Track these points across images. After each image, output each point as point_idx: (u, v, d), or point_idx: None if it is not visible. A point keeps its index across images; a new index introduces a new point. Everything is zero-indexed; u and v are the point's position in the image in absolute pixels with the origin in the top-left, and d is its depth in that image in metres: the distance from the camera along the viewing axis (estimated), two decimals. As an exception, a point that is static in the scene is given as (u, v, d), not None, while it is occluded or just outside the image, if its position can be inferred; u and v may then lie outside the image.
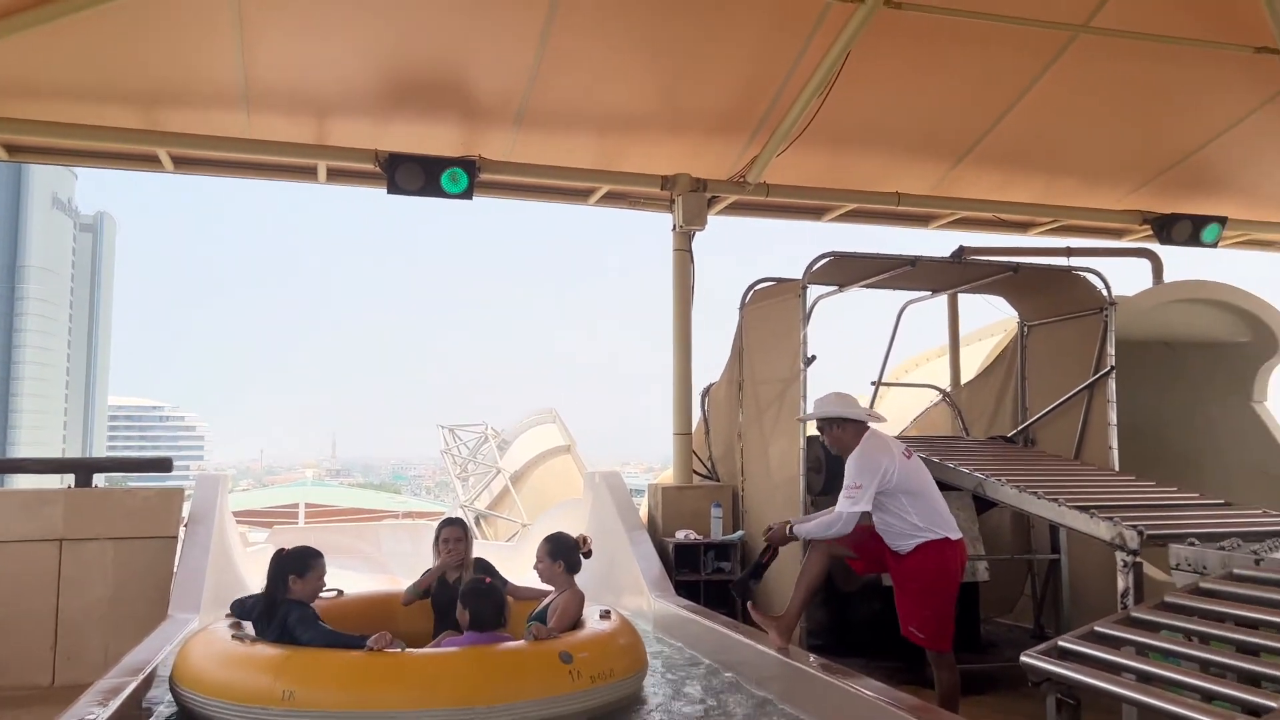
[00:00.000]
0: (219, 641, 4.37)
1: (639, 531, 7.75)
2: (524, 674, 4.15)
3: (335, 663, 4.09)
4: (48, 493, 6.65)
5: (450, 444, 25.33)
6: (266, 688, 3.90)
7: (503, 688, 4.02)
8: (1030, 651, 3.91)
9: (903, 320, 9.15)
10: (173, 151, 7.66)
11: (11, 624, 6.38)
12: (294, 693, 3.84)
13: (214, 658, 4.23)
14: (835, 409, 5.05)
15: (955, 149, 8.86)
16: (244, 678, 4.02)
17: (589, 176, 8.61)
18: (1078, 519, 5.28)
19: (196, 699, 4.11)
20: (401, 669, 4.04)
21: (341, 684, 3.96)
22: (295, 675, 3.93)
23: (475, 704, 3.92)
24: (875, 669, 6.10)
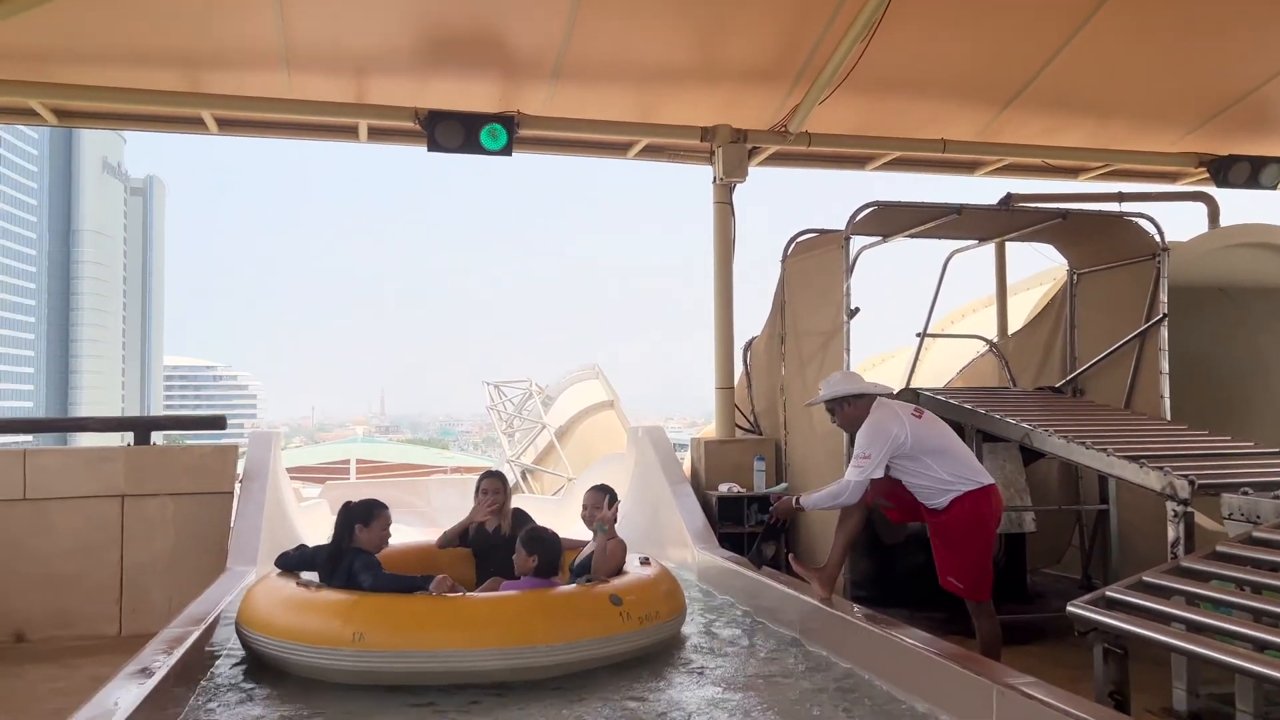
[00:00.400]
0: (286, 588, 4.58)
1: (682, 485, 7.81)
2: (579, 615, 4.39)
3: (402, 606, 4.29)
4: (110, 450, 6.85)
5: (496, 400, 25.63)
6: (337, 630, 4.12)
7: (559, 628, 4.25)
8: (1077, 601, 3.90)
9: (948, 270, 9.01)
10: (216, 113, 7.74)
11: (80, 577, 6.62)
12: (364, 635, 4.07)
13: (283, 603, 4.44)
14: (841, 387, 5.03)
15: (1003, 93, 8.63)
16: (315, 621, 4.23)
17: (628, 129, 8.55)
18: (1127, 469, 5.20)
19: (268, 642, 4.32)
20: (464, 611, 4.28)
21: (408, 626, 4.16)
22: (365, 618, 4.15)
23: (535, 643, 4.16)
24: (920, 620, 6.11)
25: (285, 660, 4.30)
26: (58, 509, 6.61)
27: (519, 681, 4.23)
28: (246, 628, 4.50)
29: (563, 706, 4.00)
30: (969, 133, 9.07)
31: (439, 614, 4.24)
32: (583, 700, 4.09)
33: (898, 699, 3.95)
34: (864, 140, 8.95)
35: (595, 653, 4.36)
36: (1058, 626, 6.51)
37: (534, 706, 4.01)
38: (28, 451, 6.66)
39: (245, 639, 4.54)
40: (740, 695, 4.21)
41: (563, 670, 4.29)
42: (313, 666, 4.21)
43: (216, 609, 4.84)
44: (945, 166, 9.74)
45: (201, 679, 4.30)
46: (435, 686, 4.16)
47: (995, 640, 4.79)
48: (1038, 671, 5.15)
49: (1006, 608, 6.08)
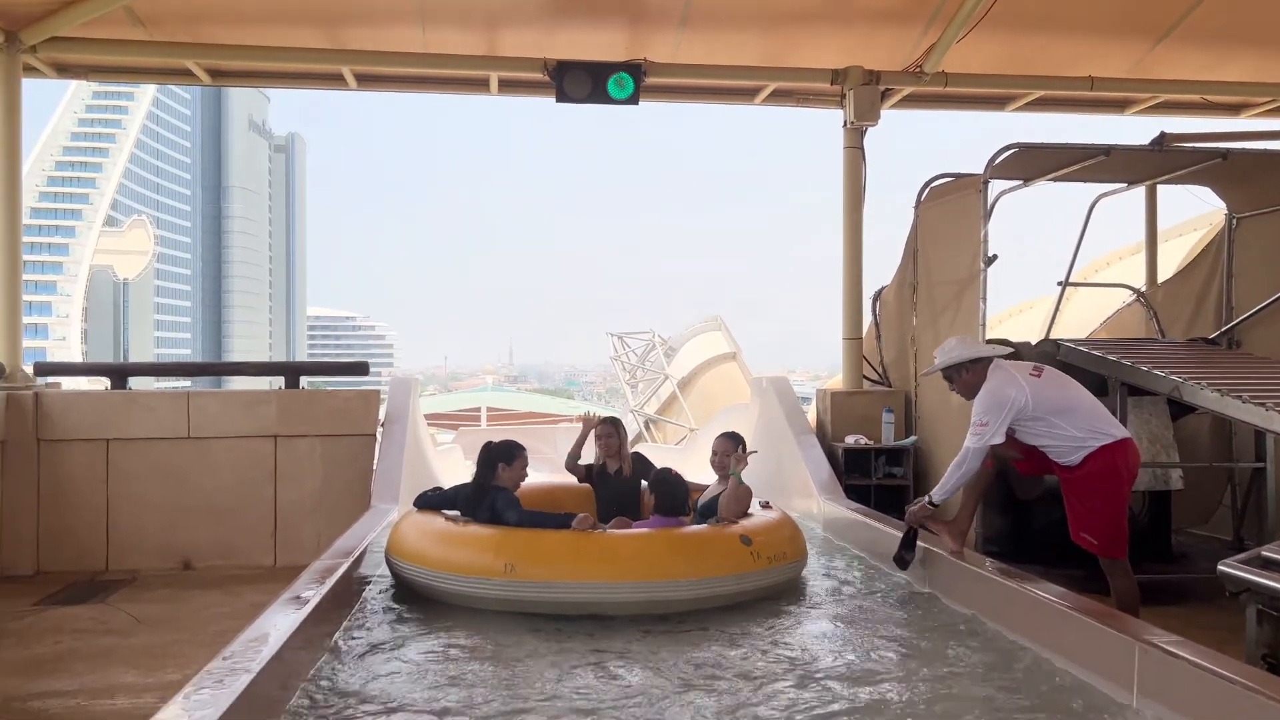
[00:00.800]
0: (436, 523, 4.95)
1: (807, 436, 7.76)
2: (714, 554, 4.68)
3: (550, 541, 4.61)
4: (264, 393, 7.28)
5: (619, 351, 25.95)
6: (489, 562, 4.45)
7: (696, 565, 4.55)
8: (1229, 560, 3.74)
9: (1093, 216, 8.56)
10: (355, 69, 8.01)
11: (240, 511, 7.11)
12: (514, 566, 4.41)
13: (436, 537, 4.81)
14: (956, 354, 4.84)
15: (1157, 26, 8.09)
16: (470, 554, 4.60)
17: (755, 74, 8.41)
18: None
19: (422, 571, 4.69)
20: (608, 547, 4.59)
21: (556, 559, 4.49)
22: (515, 551, 4.50)
23: (675, 578, 4.47)
24: (1055, 577, 5.95)
25: (438, 589, 4.65)
26: (218, 447, 7.09)
27: (647, 615, 4.46)
28: (399, 559, 4.87)
29: (694, 643, 4.15)
30: (1119, 69, 8.55)
31: (584, 549, 4.53)
32: (711, 636, 4.24)
33: (1030, 652, 3.88)
34: (1004, 80, 8.56)
35: (727, 589, 4.61)
36: (1204, 588, 6.23)
37: (662, 639, 4.20)
38: (190, 394, 7.14)
39: (397, 568, 4.91)
40: (866, 638, 4.23)
41: (696, 605, 4.52)
42: (466, 595, 4.56)
43: (363, 543, 5.12)
44: (1092, 106, 9.22)
45: (351, 606, 4.59)
46: (570, 617, 4.42)
47: (1132, 599, 4.61)
48: (1181, 634, 4.99)
49: (1149, 567, 5.85)
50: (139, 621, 5.55)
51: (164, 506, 7.00)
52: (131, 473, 6.99)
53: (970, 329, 6.79)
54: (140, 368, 8.52)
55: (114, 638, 5.24)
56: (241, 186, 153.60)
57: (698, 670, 3.83)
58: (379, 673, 3.79)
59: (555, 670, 3.83)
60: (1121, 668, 3.33)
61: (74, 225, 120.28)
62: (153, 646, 5.06)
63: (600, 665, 3.91)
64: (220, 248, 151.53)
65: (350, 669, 3.81)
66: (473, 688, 3.64)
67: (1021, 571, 4.45)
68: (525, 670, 3.85)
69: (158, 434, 7.01)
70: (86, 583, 6.55)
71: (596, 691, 3.61)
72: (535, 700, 3.51)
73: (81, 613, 5.78)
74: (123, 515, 6.97)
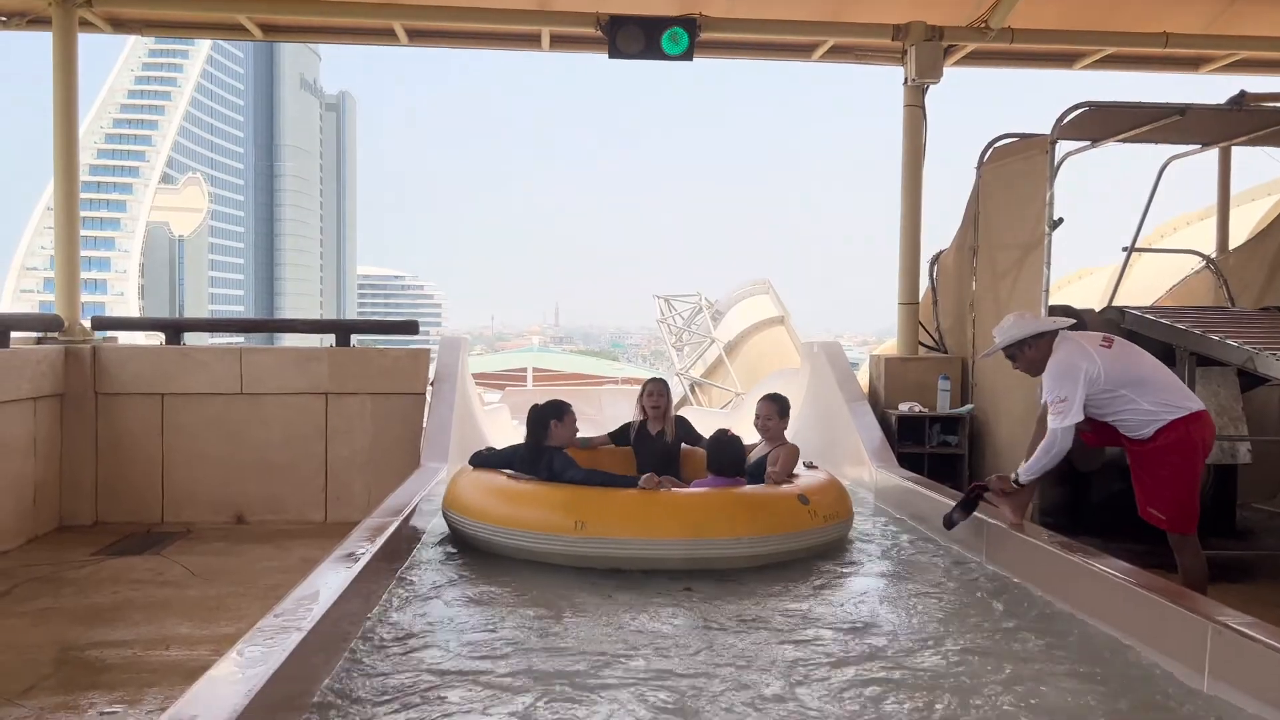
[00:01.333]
0: (498, 481, 5.08)
1: (860, 403, 7.62)
2: (774, 512, 4.87)
3: (619, 499, 4.78)
4: (315, 350, 7.32)
5: (665, 314, 25.77)
6: (560, 520, 4.63)
7: (759, 523, 4.76)
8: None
9: (1162, 179, 8.25)
10: (406, 24, 7.91)
11: (292, 467, 7.18)
12: (584, 523, 4.58)
13: (501, 494, 4.95)
14: (1016, 330, 4.65)
15: (1240, -22, 7.71)
16: (540, 511, 4.76)
17: (814, 29, 8.16)
18: (1371, 399, 4.68)
19: (488, 528, 4.84)
20: (675, 505, 4.75)
21: (625, 517, 4.66)
22: (586, 509, 4.68)
23: (737, 535, 4.66)
24: (1116, 551, 5.79)
25: (505, 544, 4.80)
26: (271, 403, 7.15)
27: (702, 571, 4.61)
28: (461, 515, 5.01)
29: (754, 597, 4.24)
30: (1196, 25, 8.17)
31: (651, 507, 4.71)
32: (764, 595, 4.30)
33: (1097, 629, 3.76)
34: (1073, 35, 8.21)
35: (786, 546, 4.82)
36: (1271, 565, 6.06)
37: (722, 598, 4.32)
38: (244, 350, 7.19)
39: (458, 524, 5.06)
40: (921, 609, 4.14)
41: (758, 562, 4.72)
42: (535, 550, 4.72)
43: (414, 501, 5.12)
44: (1165, 64, 8.83)
45: (402, 562, 4.60)
46: (625, 572, 4.56)
47: (1201, 577, 4.45)
48: (1247, 613, 4.83)
49: (1213, 543, 5.66)
50: (193, 574, 5.64)
51: (217, 461, 7.08)
52: (186, 427, 7.07)
53: (1033, 295, 6.59)
54: (194, 323, 8.63)
55: (169, 589, 5.32)
56: (293, 145, 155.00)
57: (755, 626, 3.85)
58: (431, 627, 3.81)
59: (608, 623, 3.90)
60: (1192, 650, 3.20)
61: (130, 183, 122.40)
62: (206, 599, 5.13)
63: (655, 616, 4.03)
64: (272, 205, 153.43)
65: (402, 624, 3.82)
66: (526, 641, 3.67)
67: (1084, 545, 4.31)
68: (580, 624, 3.90)
69: (212, 389, 7.09)
70: (143, 534, 6.67)
71: (648, 640, 3.72)
72: (589, 652, 3.56)
73: (138, 563, 5.89)
74: (178, 469, 7.07)
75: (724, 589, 4.44)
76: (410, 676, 3.30)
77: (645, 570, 4.58)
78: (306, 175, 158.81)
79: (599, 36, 7.76)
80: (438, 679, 3.28)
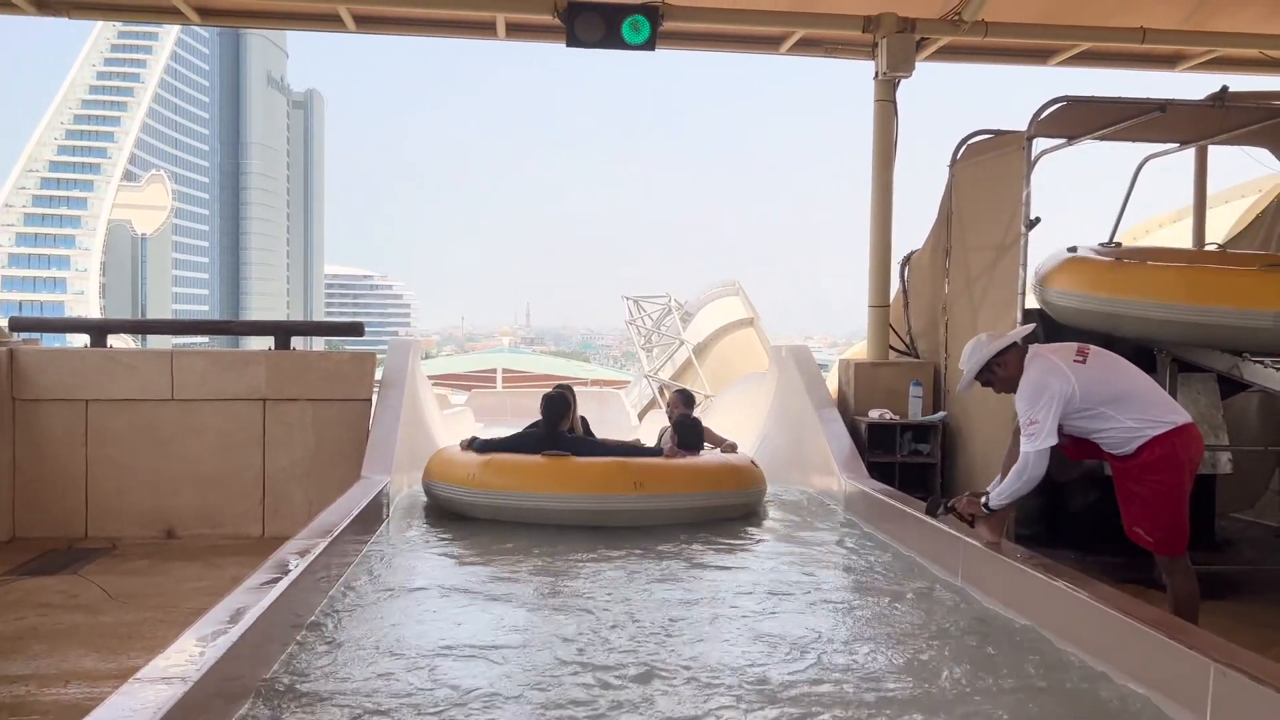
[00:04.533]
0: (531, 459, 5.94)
1: (829, 409, 7.31)
2: (661, 477, 5.86)
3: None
4: (252, 354, 6.90)
5: (635, 315, 25.44)
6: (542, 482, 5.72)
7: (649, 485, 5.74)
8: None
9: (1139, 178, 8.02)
10: (354, 9, 7.51)
11: (227, 478, 6.76)
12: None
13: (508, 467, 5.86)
14: (981, 354, 4.36)
15: (1218, -28, 7.49)
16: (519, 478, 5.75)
17: (782, 20, 7.85)
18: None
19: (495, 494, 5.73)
20: (623, 467, 5.83)
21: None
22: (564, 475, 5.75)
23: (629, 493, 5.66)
24: (1093, 564, 5.54)
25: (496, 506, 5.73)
26: (204, 410, 6.72)
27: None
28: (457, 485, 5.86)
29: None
30: (1173, 20, 7.96)
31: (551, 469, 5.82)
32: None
33: (1081, 662, 3.45)
34: (1049, 30, 7.96)
35: (671, 505, 5.81)
36: (1253, 580, 5.83)
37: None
38: (175, 353, 6.76)
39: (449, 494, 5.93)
40: (893, 636, 3.81)
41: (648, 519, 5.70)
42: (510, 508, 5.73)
43: (346, 519, 4.72)
44: (1141, 61, 8.62)
45: (326, 592, 4.19)
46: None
47: (1192, 602, 4.15)
48: (1234, 634, 4.52)
49: (1194, 556, 5.40)
50: (110, 596, 5.21)
51: (146, 471, 6.65)
52: (112, 435, 6.63)
53: (1007, 297, 6.32)
54: (122, 324, 8.14)
55: (81, 614, 4.90)
56: (260, 143, 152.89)
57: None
58: (353, 667, 3.40)
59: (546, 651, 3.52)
60: (1193, 692, 2.89)
61: (92, 179, 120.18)
62: (120, 625, 4.72)
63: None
64: (238, 204, 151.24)
65: (321, 667, 3.41)
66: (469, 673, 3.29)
67: (1068, 569, 4.00)
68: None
69: (140, 395, 6.65)
70: (63, 550, 6.22)
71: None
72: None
73: (51, 584, 5.45)
74: (103, 480, 6.62)
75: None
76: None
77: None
78: (273, 173, 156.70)
79: (556, 24, 7.39)
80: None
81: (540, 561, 4.99)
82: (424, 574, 4.73)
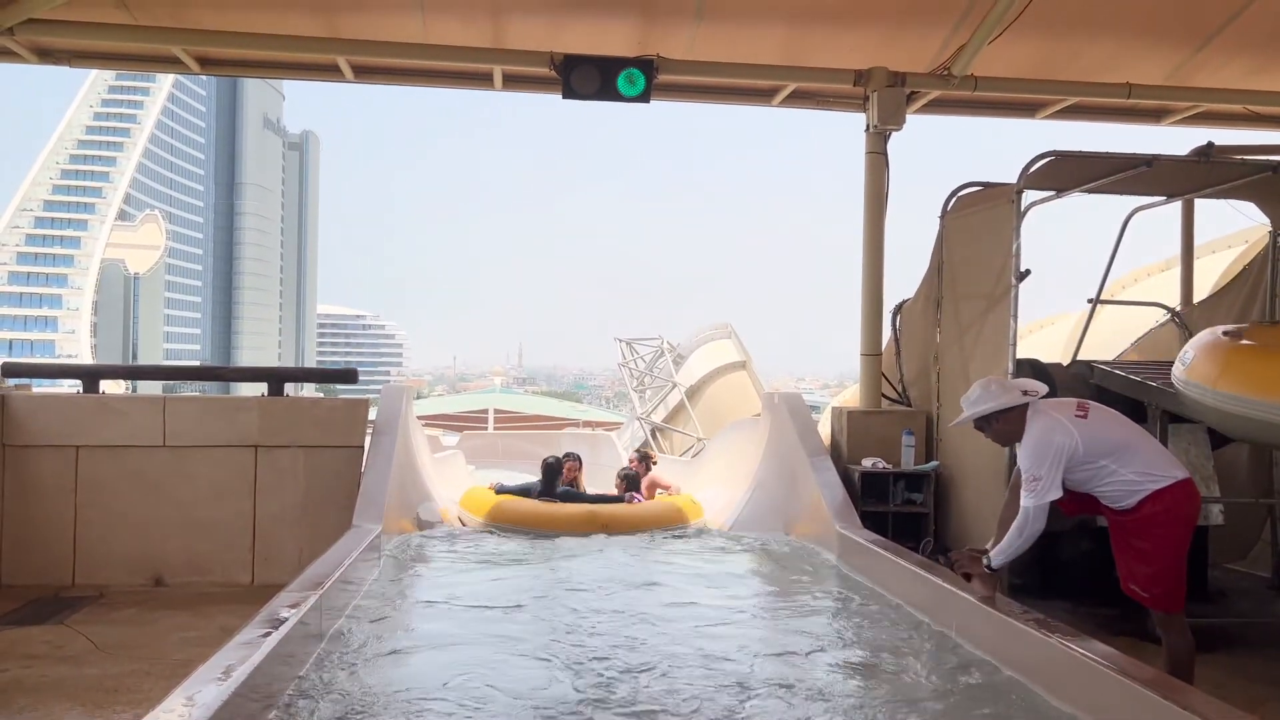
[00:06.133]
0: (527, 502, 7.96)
1: (821, 457, 7.30)
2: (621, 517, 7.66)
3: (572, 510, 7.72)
4: (244, 400, 6.88)
5: (627, 357, 25.45)
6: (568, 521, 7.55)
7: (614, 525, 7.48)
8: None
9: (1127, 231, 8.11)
10: (352, 59, 7.61)
11: (217, 525, 6.70)
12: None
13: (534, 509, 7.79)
14: (985, 404, 4.38)
15: (1200, 30, 7.63)
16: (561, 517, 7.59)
17: (774, 74, 7.97)
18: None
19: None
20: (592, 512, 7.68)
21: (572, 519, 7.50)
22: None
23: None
24: (1086, 616, 5.52)
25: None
26: (195, 457, 6.69)
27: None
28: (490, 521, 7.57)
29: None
30: (1158, 76, 8.11)
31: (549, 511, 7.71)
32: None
33: None
34: (1038, 85, 8.10)
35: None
36: (1246, 632, 5.81)
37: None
38: (167, 399, 6.74)
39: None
40: (876, 680, 3.78)
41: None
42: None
43: (337, 571, 4.68)
44: (1127, 115, 8.76)
45: (316, 647, 4.15)
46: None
47: (1188, 659, 4.14)
48: (1228, 689, 4.53)
49: (1188, 609, 5.41)
50: (97, 647, 5.14)
51: (136, 519, 6.59)
52: (102, 482, 6.59)
53: (997, 346, 6.36)
54: (114, 370, 8.11)
55: (66, 666, 4.83)
56: (255, 183, 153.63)
57: None
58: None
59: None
60: (1189, 754, 2.88)
61: (86, 219, 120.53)
62: (106, 679, 4.65)
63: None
64: (232, 244, 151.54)
65: None
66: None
67: (1066, 626, 3.98)
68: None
69: (131, 441, 6.61)
70: (50, 599, 6.15)
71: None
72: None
73: (37, 634, 5.38)
74: (92, 527, 6.56)
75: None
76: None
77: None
78: (268, 214, 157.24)
79: (553, 76, 7.51)
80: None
81: (531, 614, 4.95)
82: (415, 627, 4.69)
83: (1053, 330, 14.20)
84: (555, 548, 6.68)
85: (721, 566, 6.34)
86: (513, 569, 6.06)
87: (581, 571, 5.86)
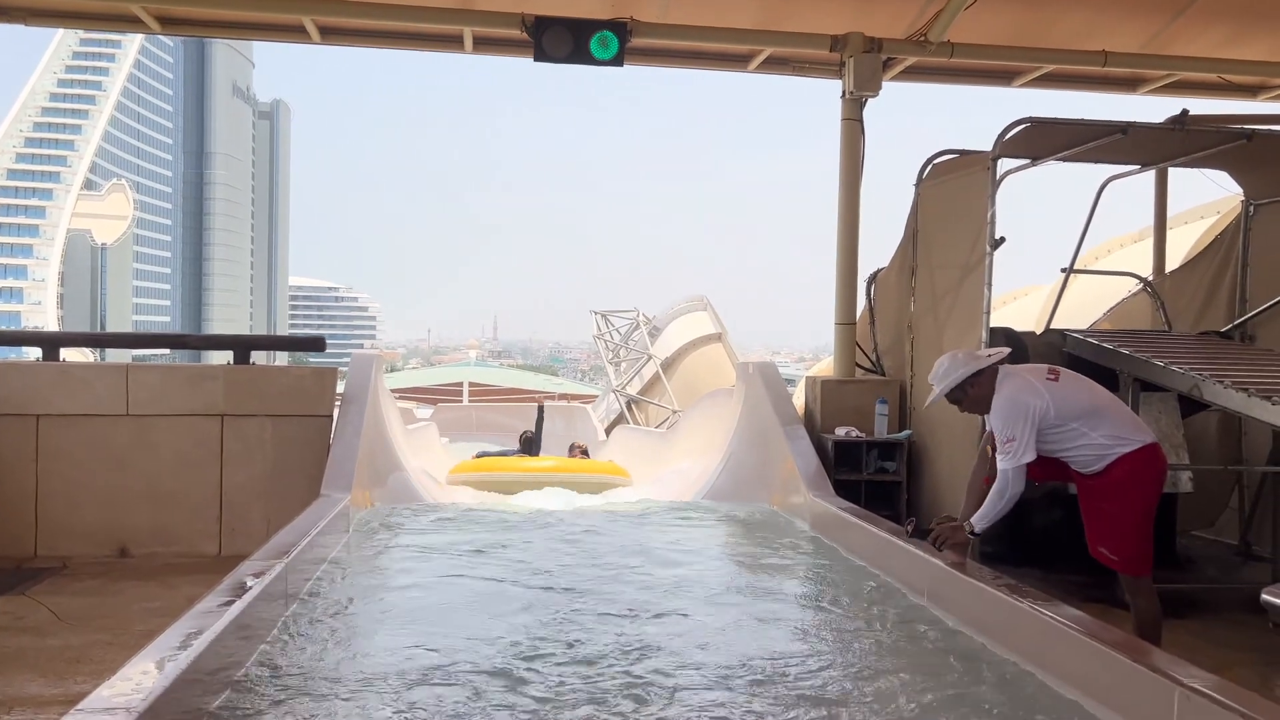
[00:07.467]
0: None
1: (795, 426, 7.29)
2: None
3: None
4: (209, 368, 6.76)
5: (603, 329, 25.40)
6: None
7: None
8: (1273, 589, 3.29)
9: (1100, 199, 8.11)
10: (318, 20, 7.42)
11: (183, 495, 6.59)
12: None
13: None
14: (956, 373, 4.38)
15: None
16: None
17: (750, 38, 7.87)
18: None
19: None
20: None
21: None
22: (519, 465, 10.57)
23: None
24: (1055, 583, 5.56)
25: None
26: (160, 426, 6.56)
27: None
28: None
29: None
30: (1134, 44, 8.09)
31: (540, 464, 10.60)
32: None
33: (1043, 683, 3.43)
34: (1014, 52, 8.05)
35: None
36: (1213, 598, 5.87)
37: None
38: (130, 367, 6.59)
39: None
40: (850, 651, 3.77)
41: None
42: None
43: (303, 540, 4.61)
44: (1104, 83, 8.73)
45: (286, 611, 4.09)
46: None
47: (1155, 622, 4.18)
48: (1196, 652, 4.55)
49: (1156, 574, 5.45)
50: (59, 618, 5.04)
51: (100, 489, 6.46)
52: (64, 451, 6.44)
53: (972, 315, 6.35)
54: (75, 337, 7.94)
55: (27, 637, 4.73)
56: (224, 153, 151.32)
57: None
58: (309, 694, 3.31)
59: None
60: (1158, 715, 2.88)
61: (51, 188, 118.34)
62: (68, 649, 4.56)
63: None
64: (201, 214, 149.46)
65: (275, 695, 3.31)
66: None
67: (1036, 591, 3.99)
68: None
69: (94, 410, 6.47)
70: (11, 570, 6.01)
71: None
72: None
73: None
74: (54, 498, 6.43)
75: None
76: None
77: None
78: (238, 184, 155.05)
79: (524, 39, 7.36)
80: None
81: (501, 586, 4.90)
82: (383, 597, 4.63)
83: (1026, 301, 14.27)
84: (531, 518, 6.60)
85: (695, 535, 6.32)
86: (485, 533, 6.00)
87: (554, 549, 5.79)
